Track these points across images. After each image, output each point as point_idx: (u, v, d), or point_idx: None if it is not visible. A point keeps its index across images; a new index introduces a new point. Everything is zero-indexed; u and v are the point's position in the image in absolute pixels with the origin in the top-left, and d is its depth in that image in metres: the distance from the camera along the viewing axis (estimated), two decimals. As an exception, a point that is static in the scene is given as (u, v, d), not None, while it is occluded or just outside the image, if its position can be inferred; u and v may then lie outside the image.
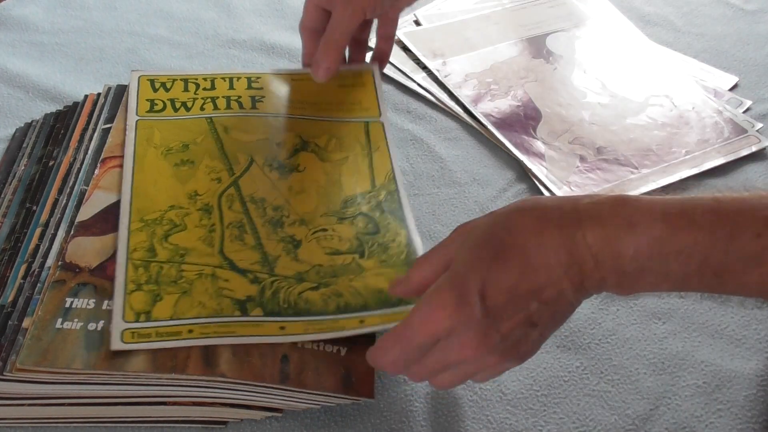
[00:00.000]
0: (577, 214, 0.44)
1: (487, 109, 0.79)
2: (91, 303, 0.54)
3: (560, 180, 0.72)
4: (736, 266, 0.42)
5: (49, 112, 0.73)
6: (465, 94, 0.81)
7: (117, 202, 0.60)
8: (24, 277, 0.56)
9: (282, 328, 0.53)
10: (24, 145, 0.69)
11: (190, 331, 0.52)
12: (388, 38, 0.77)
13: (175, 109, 0.67)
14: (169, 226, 0.58)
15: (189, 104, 0.68)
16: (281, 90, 0.72)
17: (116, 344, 0.51)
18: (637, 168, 0.74)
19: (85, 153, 0.65)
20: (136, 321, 0.52)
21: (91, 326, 0.52)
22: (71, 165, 0.64)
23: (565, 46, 0.88)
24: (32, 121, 0.72)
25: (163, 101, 0.68)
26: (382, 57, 0.77)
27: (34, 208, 0.62)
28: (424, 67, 0.85)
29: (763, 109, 0.82)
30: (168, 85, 0.70)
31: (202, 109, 0.67)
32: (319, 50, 0.68)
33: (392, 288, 0.52)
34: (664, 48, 0.89)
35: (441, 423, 0.55)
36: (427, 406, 0.56)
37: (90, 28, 0.86)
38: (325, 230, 0.60)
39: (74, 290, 0.54)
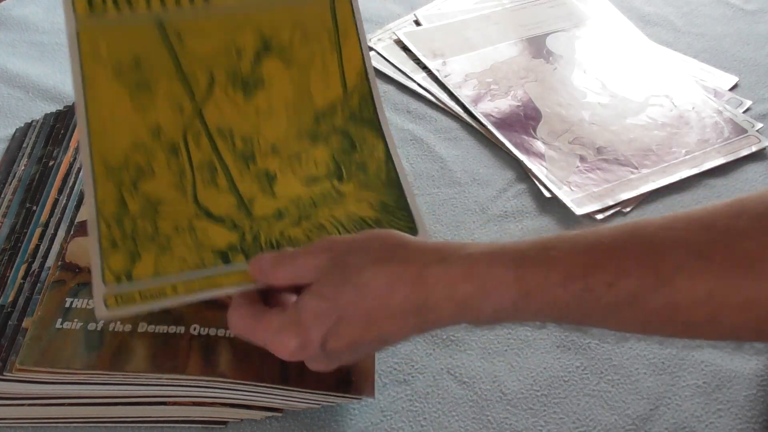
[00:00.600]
0: (428, 279, 0.43)
1: (487, 109, 0.79)
2: (91, 303, 0.54)
3: (560, 180, 0.72)
4: (594, 315, 0.43)
5: (49, 112, 0.73)
6: (465, 94, 0.81)
7: None
8: (24, 277, 0.56)
9: None
10: (24, 145, 0.69)
11: (175, 289, 0.49)
12: None
13: (118, 7, 0.54)
14: (135, 172, 0.51)
15: None
16: None
17: (101, 312, 0.47)
18: (637, 168, 0.74)
19: (85, 153, 0.65)
20: (117, 283, 0.48)
21: (91, 326, 0.52)
22: (71, 165, 0.64)
23: (565, 46, 0.88)
24: (32, 121, 0.72)
25: None
26: None
27: (34, 208, 0.62)
28: (424, 67, 0.85)
29: (763, 109, 0.82)
30: None
31: (148, 4, 0.55)
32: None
33: (255, 270, 0.49)
34: (664, 48, 0.89)
35: (441, 423, 0.55)
36: (427, 406, 0.56)
37: (90, 28, 0.86)
38: (299, 156, 0.56)
39: (74, 290, 0.54)
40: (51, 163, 0.65)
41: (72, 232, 0.58)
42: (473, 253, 0.43)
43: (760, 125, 0.79)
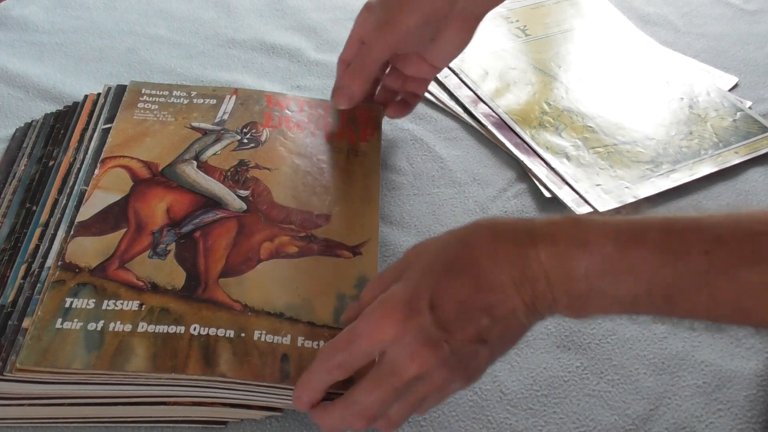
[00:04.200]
0: (532, 232, 0.44)
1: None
2: (91, 303, 0.54)
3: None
4: (685, 285, 0.42)
5: (49, 112, 0.73)
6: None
7: (117, 202, 0.60)
8: (24, 277, 0.56)
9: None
10: (24, 145, 0.69)
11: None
12: (413, 96, 0.72)
13: None
14: None
15: None
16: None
17: None
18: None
19: (85, 153, 0.65)
20: None
21: (91, 326, 0.52)
22: (71, 165, 0.64)
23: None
24: (32, 121, 0.72)
25: None
26: (400, 107, 0.73)
27: (34, 208, 0.62)
28: (424, 67, 0.85)
29: (763, 108, 0.82)
30: None
31: None
32: (346, 75, 0.66)
33: (345, 316, 0.51)
34: (665, 48, 0.89)
35: (441, 423, 0.55)
36: (427, 406, 0.56)
37: (90, 28, 0.86)
38: None
39: (74, 290, 0.54)
40: (51, 163, 0.65)
41: (72, 232, 0.58)
42: (577, 216, 0.45)
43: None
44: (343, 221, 0.62)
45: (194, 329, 0.53)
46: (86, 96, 0.72)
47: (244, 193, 0.63)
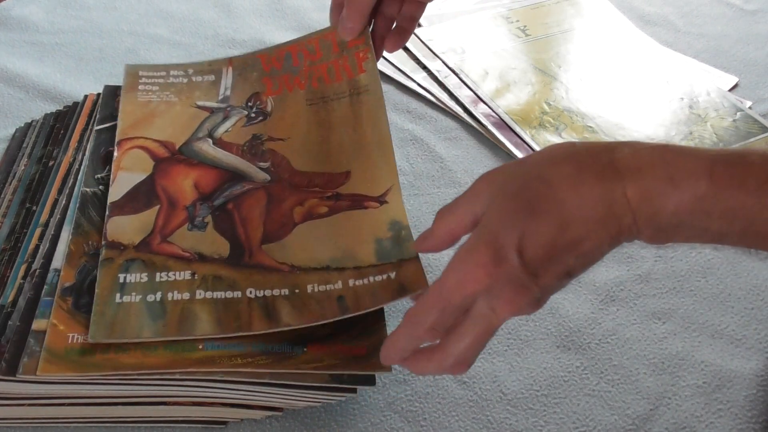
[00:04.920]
0: (617, 164, 0.42)
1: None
2: (144, 277, 0.55)
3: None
4: None
5: (49, 112, 0.73)
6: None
7: (143, 181, 0.62)
8: (24, 277, 0.56)
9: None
10: (24, 145, 0.69)
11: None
12: (410, 19, 0.71)
13: None
14: None
15: None
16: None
17: None
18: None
19: (85, 153, 0.65)
20: None
21: (150, 298, 0.54)
22: (71, 165, 0.64)
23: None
24: (32, 121, 0.72)
25: None
26: (397, 37, 0.71)
27: (34, 208, 0.62)
28: (424, 67, 0.85)
29: (763, 108, 0.82)
30: None
31: None
32: (345, 11, 0.67)
33: (418, 244, 0.50)
34: (665, 48, 0.89)
35: (441, 423, 0.55)
36: (427, 406, 0.56)
37: (90, 28, 0.86)
38: None
39: (124, 266, 0.56)
40: (51, 163, 0.65)
41: (108, 212, 0.59)
42: (665, 145, 0.42)
43: None
44: (363, 174, 0.62)
45: (250, 292, 0.55)
46: (86, 96, 0.72)
47: (264, 165, 0.64)
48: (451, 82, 0.83)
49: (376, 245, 0.57)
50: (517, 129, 0.77)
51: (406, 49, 0.87)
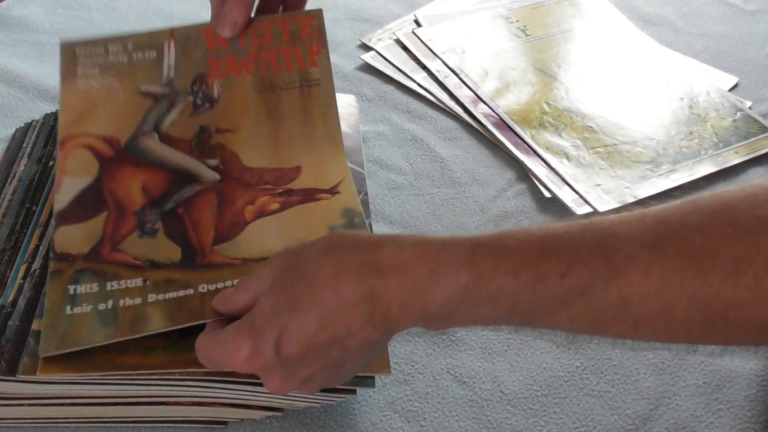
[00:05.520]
0: (379, 264, 0.43)
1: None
2: (95, 287, 0.54)
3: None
4: (545, 308, 0.42)
5: (49, 112, 0.73)
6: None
7: (90, 186, 0.60)
8: (24, 277, 0.56)
9: None
10: (24, 145, 0.69)
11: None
12: (295, 7, 0.68)
13: None
14: None
15: None
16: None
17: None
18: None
19: (85, 153, 0.65)
20: None
21: (101, 306, 0.53)
22: (71, 165, 0.64)
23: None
24: (32, 121, 0.72)
25: None
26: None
27: (34, 208, 0.62)
28: (424, 67, 0.85)
29: (763, 108, 0.82)
30: None
31: None
32: (227, 3, 0.64)
33: (218, 305, 0.50)
34: (665, 48, 0.89)
35: (441, 423, 0.55)
36: (427, 406, 0.56)
37: (90, 28, 0.86)
38: None
39: (74, 278, 0.55)
40: (51, 163, 0.65)
41: (54, 223, 0.58)
42: (426, 240, 0.43)
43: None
44: (314, 169, 0.63)
45: (203, 288, 0.54)
46: (86, 96, 0.72)
47: (213, 162, 0.62)
48: (451, 82, 0.83)
49: (329, 232, 0.57)
50: (517, 129, 0.77)
51: (406, 49, 0.87)
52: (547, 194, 0.71)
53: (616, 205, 0.70)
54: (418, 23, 0.91)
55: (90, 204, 0.59)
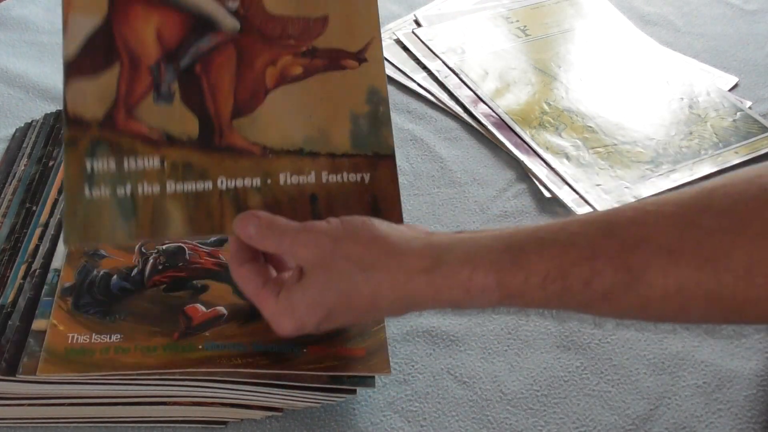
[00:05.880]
0: (413, 291, 0.46)
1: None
2: (111, 163, 0.52)
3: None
4: (570, 308, 0.47)
5: (49, 112, 0.73)
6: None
7: (99, 29, 0.54)
8: (24, 277, 0.56)
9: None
10: (24, 145, 0.69)
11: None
12: None
13: None
14: None
15: None
16: None
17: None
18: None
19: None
20: None
21: (120, 191, 0.51)
22: (71, 165, 0.64)
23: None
24: (32, 121, 0.72)
25: None
26: None
27: (34, 208, 0.62)
28: (424, 67, 0.85)
29: (763, 109, 0.82)
30: None
31: None
32: None
33: (240, 232, 0.51)
34: (665, 48, 0.89)
35: (441, 423, 0.55)
36: (427, 406, 0.56)
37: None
38: None
39: (90, 150, 0.52)
40: (51, 163, 0.65)
41: (65, 77, 0.53)
42: (456, 259, 0.46)
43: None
44: (342, 21, 0.58)
45: (221, 183, 0.52)
46: (86, 96, 0.72)
47: (233, 5, 0.57)
48: (451, 82, 0.83)
49: (351, 124, 0.55)
50: (517, 129, 0.77)
51: (406, 49, 0.87)
52: (547, 194, 0.71)
53: (616, 205, 0.70)
54: (418, 23, 0.91)
55: (101, 51, 0.54)
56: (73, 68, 0.54)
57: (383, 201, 0.54)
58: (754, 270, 0.41)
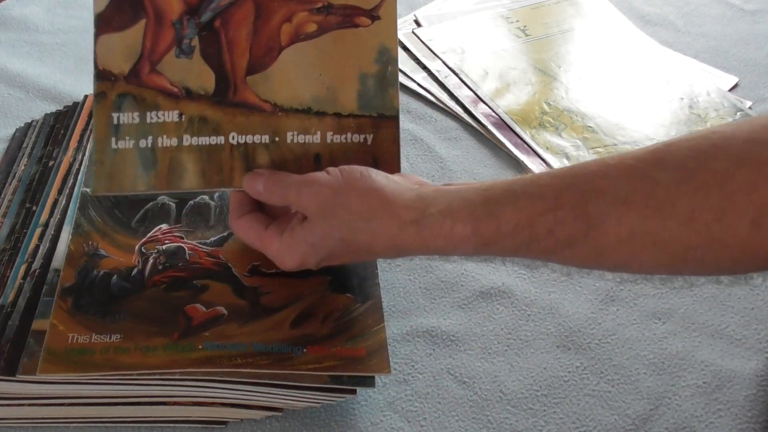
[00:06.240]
0: (401, 239, 0.51)
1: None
2: (136, 117, 0.55)
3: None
4: (539, 256, 0.51)
5: (49, 112, 0.73)
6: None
7: None
8: (24, 277, 0.56)
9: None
10: (24, 145, 0.69)
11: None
12: None
13: None
14: None
15: None
16: None
17: None
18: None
19: (85, 153, 0.65)
20: None
21: (142, 143, 0.55)
22: (71, 165, 0.65)
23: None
24: (32, 121, 0.72)
25: None
26: None
27: (34, 208, 0.62)
28: (424, 67, 0.85)
29: (763, 109, 0.82)
30: None
31: None
32: None
33: (248, 188, 0.55)
34: (665, 48, 0.89)
35: (441, 423, 0.55)
36: (427, 406, 0.56)
37: (90, 28, 0.86)
38: None
39: (117, 103, 0.56)
40: (51, 163, 0.65)
41: (95, 30, 0.57)
42: (439, 212, 0.50)
43: None
44: None
45: (233, 138, 0.56)
46: (86, 96, 0.72)
47: None
48: (451, 82, 0.83)
49: (360, 85, 0.57)
50: (517, 129, 0.77)
51: (406, 49, 0.87)
52: (547, 194, 0.71)
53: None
54: (418, 23, 0.91)
55: (128, 8, 0.57)
56: (103, 23, 0.57)
57: (383, 162, 0.57)
58: (696, 217, 0.45)
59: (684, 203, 0.45)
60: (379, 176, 0.52)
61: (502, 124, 0.78)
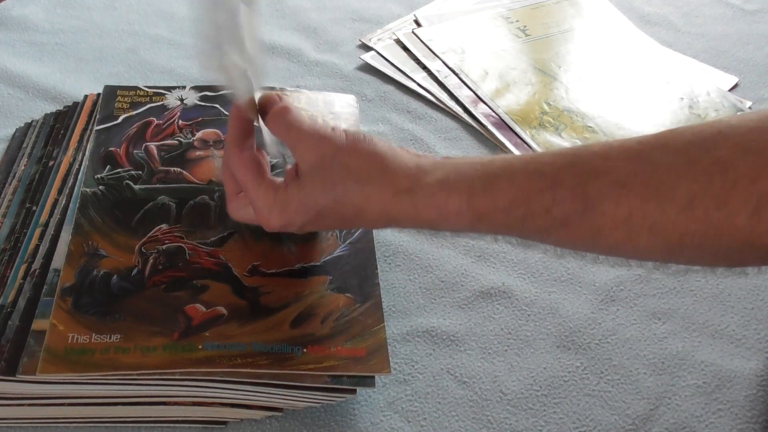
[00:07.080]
0: (394, 205, 0.50)
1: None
2: None
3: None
4: (534, 235, 0.49)
5: (49, 112, 0.73)
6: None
7: None
8: (24, 277, 0.56)
9: None
10: (24, 145, 0.69)
11: None
12: None
13: None
14: None
15: None
16: None
17: None
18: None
19: (85, 153, 0.65)
20: None
21: None
22: (71, 165, 0.64)
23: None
24: (32, 121, 0.72)
25: None
26: None
27: (34, 208, 0.62)
28: (424, 67, 0.85)
29: (763, 108, 0.82)
30: None
31: None
32: None
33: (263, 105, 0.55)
34: (665, 48, 0.89)
35: (441, 423, 0.55)
36: (427, 406, 0.56)
37: (90, 28, 0.86)
38: None
39: None
40: (51, 163, 0.65)
41: None
42: (435, 182, 0.49)
43: None
44: None
45: None
46: (86, 96, 0.72)
47: None
48: (451, 82, 0.83)
49: None
50: (517, 129, 0.77)
51: (406, 49, 0.87)
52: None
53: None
54: (418, 23, 0.91)
55: None
56: None
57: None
58: (695, 203, 0.44)
59: (685, 188, 0.44)
60: (381, 142, 0.52)
61: (502, 124, 0.78)
